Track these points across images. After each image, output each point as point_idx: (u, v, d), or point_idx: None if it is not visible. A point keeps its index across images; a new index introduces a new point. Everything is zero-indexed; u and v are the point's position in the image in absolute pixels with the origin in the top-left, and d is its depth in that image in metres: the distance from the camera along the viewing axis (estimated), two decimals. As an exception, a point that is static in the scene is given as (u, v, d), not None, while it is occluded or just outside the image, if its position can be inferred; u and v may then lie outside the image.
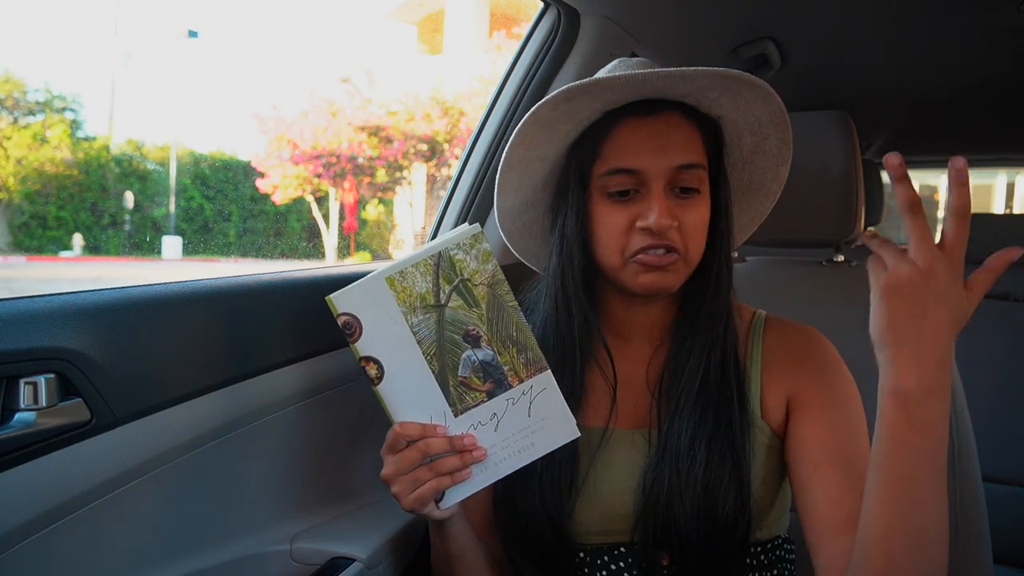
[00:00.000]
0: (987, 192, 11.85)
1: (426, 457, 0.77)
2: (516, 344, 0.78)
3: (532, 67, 1.37)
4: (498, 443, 0.79)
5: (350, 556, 0.98)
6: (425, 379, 0.77)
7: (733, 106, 0.87)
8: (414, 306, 0.76)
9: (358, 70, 10.28)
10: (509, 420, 0.79)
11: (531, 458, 0.80)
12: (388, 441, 0.78)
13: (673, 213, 0.83)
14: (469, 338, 0.77)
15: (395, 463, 0.77)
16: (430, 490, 0.77)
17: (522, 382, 0.78)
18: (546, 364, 0.79)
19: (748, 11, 1.38)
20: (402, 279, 0.76)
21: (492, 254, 0.77)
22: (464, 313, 0.77)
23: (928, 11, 1.36)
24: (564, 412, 0.80)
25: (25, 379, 0.69)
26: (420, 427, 0.77)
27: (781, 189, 0.96)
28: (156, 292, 0.83)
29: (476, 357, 0.78)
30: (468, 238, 0.76)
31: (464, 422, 0.78)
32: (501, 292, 0.77)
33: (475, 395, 0.78)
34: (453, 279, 0.76)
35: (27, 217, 8.38)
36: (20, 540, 0.68)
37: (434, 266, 0.76)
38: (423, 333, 0.77)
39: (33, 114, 9.01)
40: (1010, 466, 2.08)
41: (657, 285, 0.85)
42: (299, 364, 0.98)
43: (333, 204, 10.00)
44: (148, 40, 12.04)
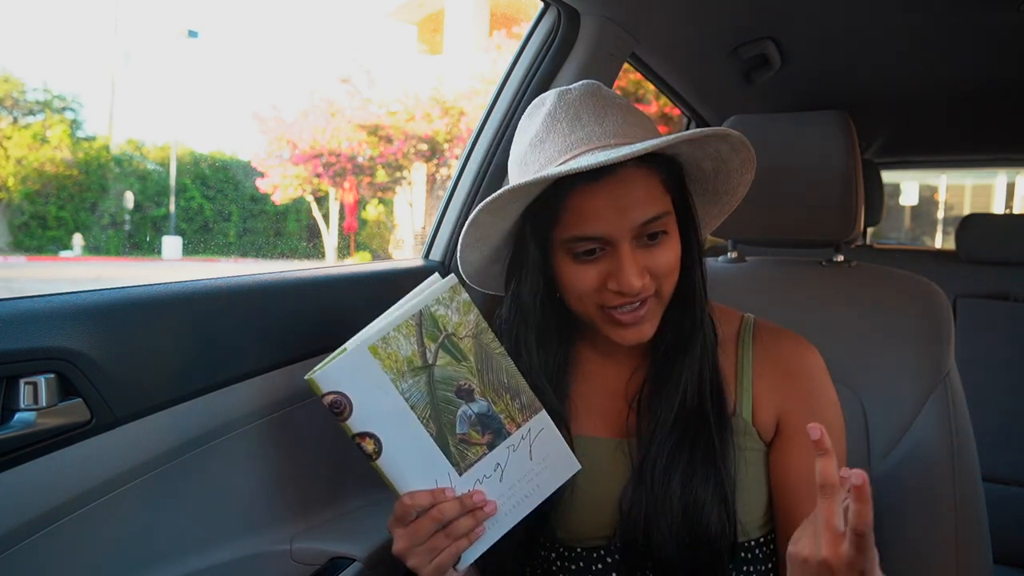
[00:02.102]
0: (987, 192, 11.85)
1: (440, 524, 0.75)
2: (509, 390, 0.77)
3: (532, 67, 1.37)
4: (505, 492, 0.78)
5: (350, 556, 0.98)
6: (424, 444, 0.75)
7: (688, 149, 0.85)
8: (402, 371, 0.73)
9: (358, 70, 10.26)
10: (512, 467, 0.78)
11: (539, 499, 0.80)
12: (396, 515, 0.76)
13: (644, 266, 0.81)
14: (462, 393, 0.76)
15: (408, 536, 0.75)
16: (449, 557, 0.75)
17: (519, 427, 0.78)
18: (540, 405, 0.79)
19: (748, 11, 1.38)
20: (385, 345, 0.73)
21: (472, 304, 0.75)
22: (453, 369, 0.75)
23: (928, 11, 1.36)
24: (563, 448, 0.80)
25: (25, 379, 0.69)
26: (429, 494, 0.75)
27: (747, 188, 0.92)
28: (156, 292, 0.83)
29: (472, 411, 0.76)
30: (447, 291, 0.74)
31: (469, 479, 0.77)
32: (487, 340, 0.76)
33: (476, 449, 0.77)
34: (438, 336, 0.74)
35: (27, 217, 8.38)
36: (20, 540, 0.68)
37: (416, 326, 0.74)
38: (415, 398, 0.74)
39: (33, 114, 9.01)
40: (1010, 466, 2.08)
41: (634, 339, 0.84)
42: (299, 364, 0.98)
43: (333, 204, 9.99)
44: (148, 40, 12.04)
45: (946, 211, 12.07)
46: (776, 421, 0.91)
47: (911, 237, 11.52)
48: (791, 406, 0.91)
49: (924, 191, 11.51)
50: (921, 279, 1.27)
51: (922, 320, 1.22)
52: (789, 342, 0.95)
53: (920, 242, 11.83)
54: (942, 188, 12.01)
